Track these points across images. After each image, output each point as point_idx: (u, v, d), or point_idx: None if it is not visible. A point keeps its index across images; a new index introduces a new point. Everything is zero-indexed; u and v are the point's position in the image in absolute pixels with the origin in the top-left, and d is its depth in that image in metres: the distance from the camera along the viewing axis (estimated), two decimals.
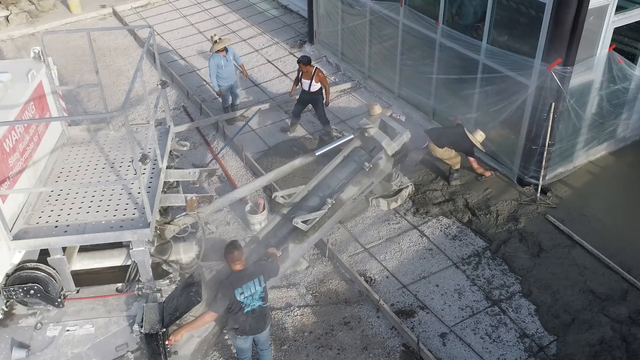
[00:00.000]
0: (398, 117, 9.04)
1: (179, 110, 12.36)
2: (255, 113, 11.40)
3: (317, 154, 7.73)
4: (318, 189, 7.53)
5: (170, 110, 12.24)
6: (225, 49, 11.27)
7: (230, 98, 11.90)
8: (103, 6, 17.37)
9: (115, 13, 17.11)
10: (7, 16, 16.33)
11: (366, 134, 7.77)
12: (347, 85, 12.84)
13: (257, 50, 14.59)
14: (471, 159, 9.45)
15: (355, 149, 7.80)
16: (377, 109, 9.06)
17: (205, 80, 13.38)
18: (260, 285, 6.07)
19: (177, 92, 12.95)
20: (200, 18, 16.61)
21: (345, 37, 13.08)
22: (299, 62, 10.67)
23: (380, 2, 11.37)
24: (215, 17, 16.61)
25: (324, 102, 10.91)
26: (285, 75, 13.42)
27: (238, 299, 5.95)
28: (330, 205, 7.14)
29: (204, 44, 15.06)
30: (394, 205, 9.29)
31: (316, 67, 10.72)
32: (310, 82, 10.66)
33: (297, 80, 10.98)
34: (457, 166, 9.56)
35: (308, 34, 14.63)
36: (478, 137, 9.33)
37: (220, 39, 11.32)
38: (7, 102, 5.94)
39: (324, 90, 10.81)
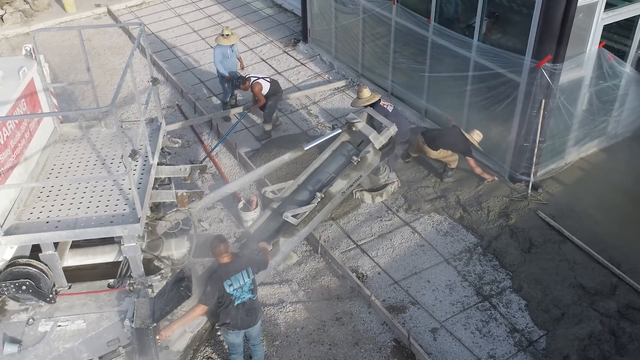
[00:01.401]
0: (386, 106, 9.07)
1: (173, 108, 12.40)
2: (247, 111, 11.43)
3: (305, 148, 7.77)
4: (307, 183, 7.59)
5: (165, 108, 12.29)
6: None
7: (233, 90, 12.00)
8: (98, 5, 17.39)
9: (110, 12, 17.15)
10: (2, 15, 16.35)
11: (354, 128, 7.83)
12: (342, 83, 12.88)
13: (251, 49, 14.63)
14: (469, 159, 9.38)
15: (344, 143, 7.86)
16: (366, 92, 9.12)
17: (199, 79, 13.42)
18: (249, 277, 6.13)
19: (172, 91, 12.99)
20: (195, 17, 16.65)
21: (338, 36, 13.13)
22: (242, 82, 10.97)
23: (373, 0, 11.42)
24: (209, 16, 16.65)
25: (269, 103, 11.04)
26: (279, 73, 13.45)
27: (228, 291, 6.00)
28: (319, 199, 7.20)
29: (198, 42, 15.11)
30: (378, 199, 9.35)
31: (252, 82, 10.86)
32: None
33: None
34: (454, 164, 9.56)
35: (302, 33, 14.67)
36: (475, 137, 9.30)
37: (231, 33, 11.42)
38: None
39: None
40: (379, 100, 9.23)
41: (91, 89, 7.37)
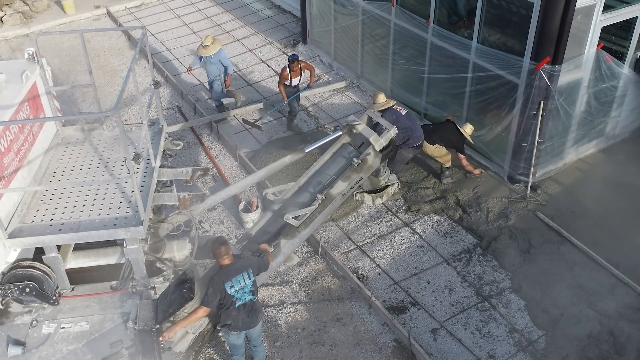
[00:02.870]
0: (400, 110, 9.08)
1: (173, 110, 12.43)
2: (305, 89, 11.45)
3: (306, 150, 7.80)
4: (308, 185, 7.62)
5: (165, 110, 12.32)
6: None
7: (216, 93, 11.98)
8: (97, 7, 17.42)
9: (109, 13, 17.17)
10: (2, 17, 16.38)
11: (354, 131, 7.86)
12: (342, 84, 12.93)
13: (250, 50, 14.68)
14: (461, 155, 9.55)
15: (344, 145, 7.89)
16: (382, 98, 9.13)
17: (199, 80, 13.46)
18: (249, 279, 6.18)
19: (171, 92, 13.03)
20: (194, 18, 16.68)
21: (338, 37, 13.18)
22: (293, 61, 10.81)
23: (372, 2, 11.46)
24: (209, 17, 16.69)
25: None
26: (278, 75, 13.47)
27: (229, 292, 6.06)
28: (320, 201, 7.23)
29: (198, 44, 15.08)
30: (378, 201, 9.40)
31: (298, 60, 11.01)
32: (301, 76, 11.03)
33: (287, 81, 11.10)
34: (448, 164, 9.67)
35: (301, 34, 14.72)
36: (467, 130, 9.49)
37: (211, 43, 11.35)
38: (2, 102, 6.02)
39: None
40: (394, 105, 9.23)
41: (92, 91, 7.40)
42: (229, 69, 11.67)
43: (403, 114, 9.01)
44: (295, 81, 11.01)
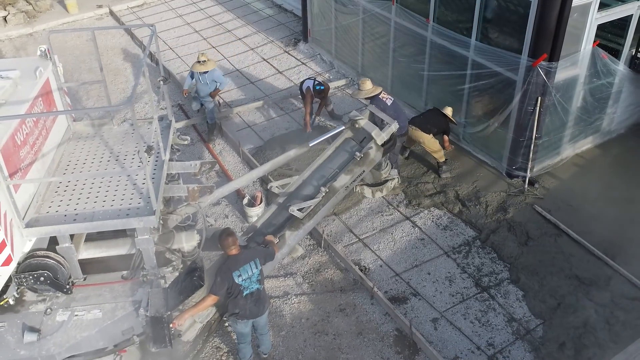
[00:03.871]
0: (385, 99, 9.27)
1: (175, 107, 12.59)
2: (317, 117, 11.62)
3: (310, 144, 7.97)
4: (312, 178, 7.78)
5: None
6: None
7: (201, 105, 11.70)
8: (100, 6, 17.58)
9: (111, 13, 17.34)
10: (5, 16, 16.54)
11: (356, 125, 8.03)
12: (342, 82, 13.11)
13: (252, 49, 14.85)
14: (446, 137, 10.00)
15: (347, 140, 8.05)
16: (368, 84, 9.32)
17: None
18: (256, 268, 6.37)
19: (174, 90, 13.17)
20: (196, 17, 16.86)
21: (338, 35, 13.36)
22: (320, 91, 11.05)
23: (372, 1, 11.65)
24: (210, 16, 16.86)
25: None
26: (280, 72, 13.68)
27: (236, 281, 6.24)
28: (324, 194, 7.40)
29: (199, 43, 15.31)
30: (378, 194, 9.58)
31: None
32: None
33: (310, 107, 11.12)
34: (443, 159, 9.91)
35: (302, 33, 14.90)
36: (448, 112, 9.86)
37: (207, 60, 11.13)
38: (17, 97, 6.18)
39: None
40: (381, 92, 9.43)
41: (96, 89, 7.57)
42: (222, 85, 11.39)
43: (389, 104, 9.21)
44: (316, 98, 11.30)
